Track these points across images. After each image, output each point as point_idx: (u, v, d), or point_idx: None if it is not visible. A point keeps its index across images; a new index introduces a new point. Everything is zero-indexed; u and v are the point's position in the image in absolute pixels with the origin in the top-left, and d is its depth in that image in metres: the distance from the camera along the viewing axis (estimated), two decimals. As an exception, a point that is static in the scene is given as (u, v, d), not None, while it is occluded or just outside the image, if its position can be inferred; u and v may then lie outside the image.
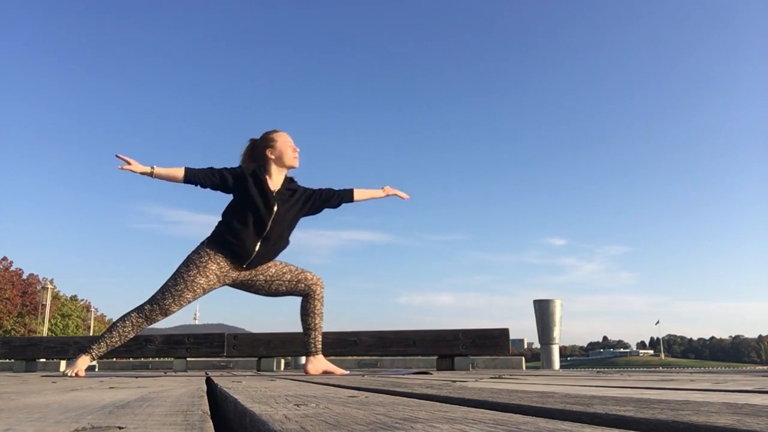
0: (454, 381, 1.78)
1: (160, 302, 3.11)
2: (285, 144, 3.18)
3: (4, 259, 39.23)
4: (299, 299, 3.29)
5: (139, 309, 3.15)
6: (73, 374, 3.10)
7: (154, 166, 3.02)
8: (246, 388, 1.33)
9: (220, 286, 3.20)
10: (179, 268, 3.13)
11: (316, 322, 3.25)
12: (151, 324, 3.20)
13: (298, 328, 3.38)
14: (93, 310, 49.14)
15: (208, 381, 2.00)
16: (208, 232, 3.19)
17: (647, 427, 0.58)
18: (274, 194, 3.11)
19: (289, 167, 3.20)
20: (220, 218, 3.18)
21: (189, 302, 3.13)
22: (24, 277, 39.87)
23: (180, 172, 3.05)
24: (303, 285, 3.24)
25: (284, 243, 3.20)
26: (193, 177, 3.06)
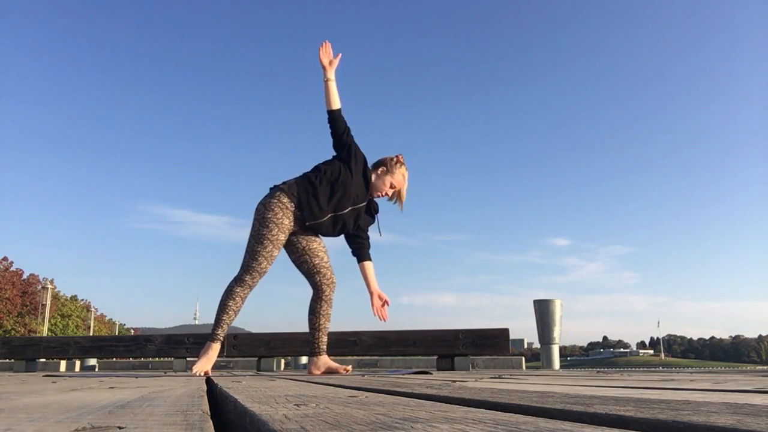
0: (454, 381, 1.78)
1: (257, 268, 3.16)
2: (389, 179, 3.27)
3: (5, 259, 39.25)
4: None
5: (239, 281, 3.18)
6: (202, 373, 3.12)
7: (333, 79, 3.22)
8: (246, 388, 1.33)
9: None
10: (260, 230, 3.15)
11: (321, 322, 3.25)
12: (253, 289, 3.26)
13: (297, 328, 3.38)
14: (93, 310, 49.18)
15: (208, 381, 2.00)
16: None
17: (647, 427, 0.58)
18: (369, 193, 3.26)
19: (373, 194, 3.28)
20: (312, 168, 3.23)
21: (274, 258, 3.20)
22: (24, 277, 39.88)
23: (338, 102, 3.21)
24: (318, 278, 3.26)
25: (342, 229, 3.24)
26: (341, 116, 3.20)
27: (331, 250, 3.36)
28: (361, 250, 3.32)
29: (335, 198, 3.14)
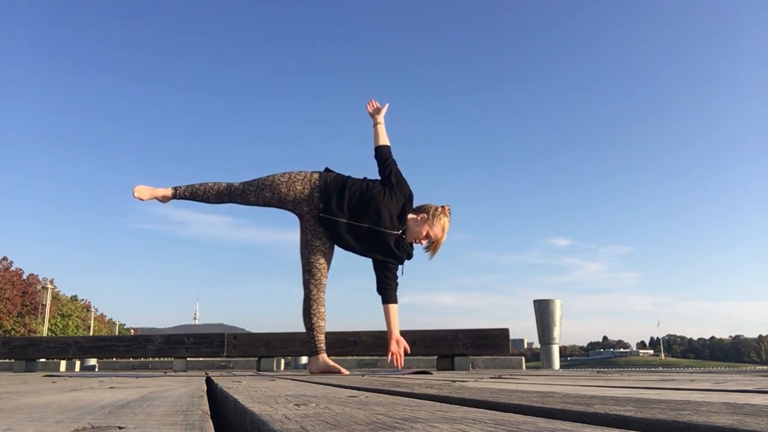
0: (454, 381, 1.78)
1: (246, 185, 3.27)
2: (426, 228, 3.22)
3: (4, 259, 39.27)
4: (299, 298, 3.30)
5: (229, 183, 3.33)
6: (139, 196, 3.33)
7: (381, 122, 3.39)
8: (246, 388, 1.33)
9: (291, 209, 3.30)
10: (278, 172, 3.28)
11: (312, 321, 3.25)
12: (229, 201, 3.33)
13: (297, 328, 3.37)
14: (93, 310, 49.21)
15: (208, 381, 2.00)
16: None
17: (647, 427, 0.58)
18: (401, 229, 3.22)
19: (408, 238, 3.26)
20: (366, 178, 3.27)
21: (265, 202, 3.27)
22: (24, 277, 39.89)
23: (384, 140, 3.35)
24: (307, 276, 3.26)
25: (356, 244, 3.21)
26: (386, 152, 3.30)
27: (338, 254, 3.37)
28: (387, 292, 3.31)
29: (357, 206, 3.14)
